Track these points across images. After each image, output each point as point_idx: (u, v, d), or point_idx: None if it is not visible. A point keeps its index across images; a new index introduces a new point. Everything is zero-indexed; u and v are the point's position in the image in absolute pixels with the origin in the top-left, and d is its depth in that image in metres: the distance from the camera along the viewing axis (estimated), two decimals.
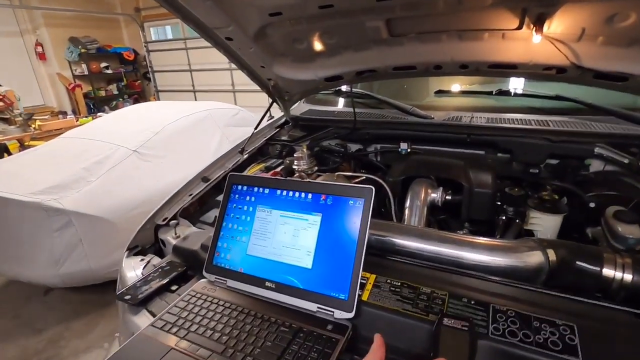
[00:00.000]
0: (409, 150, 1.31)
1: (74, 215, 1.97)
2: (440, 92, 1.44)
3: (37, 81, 6.80)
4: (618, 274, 0.70)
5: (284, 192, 0.77)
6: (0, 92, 4.53)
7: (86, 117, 5.34)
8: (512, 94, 1.30)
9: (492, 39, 1.00)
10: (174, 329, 0.66)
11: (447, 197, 1.05)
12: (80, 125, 4.67)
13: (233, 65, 6.09)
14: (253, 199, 0.81)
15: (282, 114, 1.72)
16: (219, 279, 0.78)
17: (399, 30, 1.07)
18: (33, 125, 4.49)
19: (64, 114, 6.38)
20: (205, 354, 0.60)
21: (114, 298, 2.38)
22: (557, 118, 1.21)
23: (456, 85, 1.45)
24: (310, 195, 0.74)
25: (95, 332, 2.17)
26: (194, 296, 0.75)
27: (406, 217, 1.02)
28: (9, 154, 4.29)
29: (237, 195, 0.83)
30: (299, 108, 1.78)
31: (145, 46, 7.52)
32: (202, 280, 0.80)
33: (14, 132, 4.30)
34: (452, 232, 0.92)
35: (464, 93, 1.41)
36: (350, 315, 0.63)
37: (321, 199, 0.73)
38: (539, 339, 0.55)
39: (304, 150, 1.31)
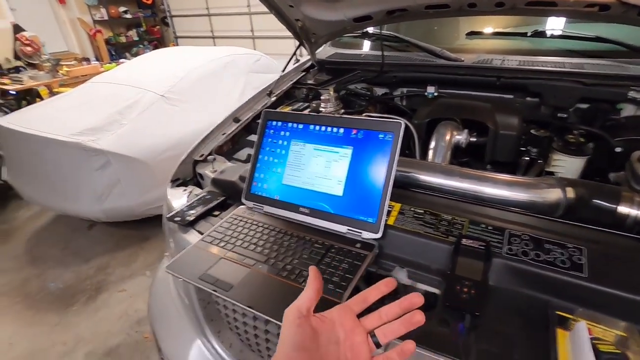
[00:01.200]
0: (435, 94, 1.31)
1: (111, 156, 2.11)
2: (471, 34, 1.39)
3: (59, 26, 6.78)
4: (633, 211, 0.73)
5: (317, 127, 0.82)
6: (27, 36, 4.58)
7: (109, 63, 5.37)
8: (549, 36, 1.25)
9: None
10: (222, 244, 0.76)
11: (471, 139, 1.07)
12: (105, 71, 4.75)
13: (252, 10, 5.98)
14: (287, 133, 0.86)
15: (308, 57, 1.71)
16: (256, 205, 0.87)
17: None
18: (61, 71, 4.59)
19: (87, 60, 6.42)
20: (250, 262, 0.70)
21: (152, 233, 2.60)
22: (594, 61, 1.16)
23: (489, 27, 1.40)
24: (341, 130, 0.79)
25: (137, 262, 2.41)
26: (236, 219, 0.84)
27: (430, 158, 1.06)
28: (41, 99, 4.45)
29: (272, 131, 0.89)
30: (325, 51, 1.76)
31: None
32: (241, 206, 0.89)
33: (43, 77, 4.41)
34: None
35: (497, 35, 1.36)
36: (378, 235, 0.70)
37: (352, 133, 0.77)
38: (548, 258, 0.61)
39: (331, 92, 1.33)
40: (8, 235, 2.85)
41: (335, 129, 0.79)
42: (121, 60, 5.72)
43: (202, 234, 0.86)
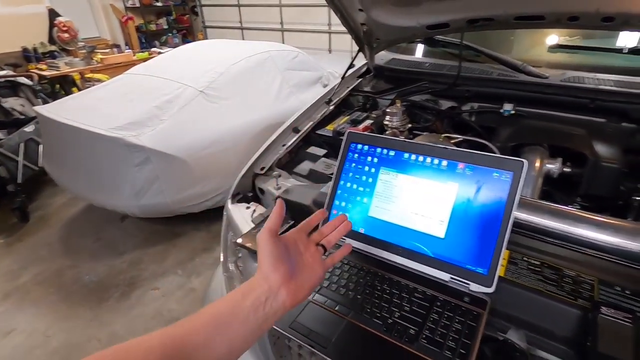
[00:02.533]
0: (512, 112, 1.20)
1: (152, 153, 2.07)
2: (556, 47, 1.27)
3: (92, 12, 6.84)
4: None
5: (413, 156, 0.73)
6: (64, 22, 4.62)
7: (141, 51, 5.38)
8: None
9: None
10: None
11: (564, 169, 0.97)
12: (138, 60, 4.75)
13: (283, 2, 5.86)
14: (375, 160, 0.78)
15: (364, 62, 1.62)
16: None
17: None
18: (95, 58, 4.61)
19: (118, 47, 6.47)
20: (344, 311, 0.63)
21: (182, 230, 2.58)
22: None
23: (576, 39, 1.27)
24: (444, 162, 0.70)
25: (169, 260, 2.39)
26: None
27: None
28: (77, 85, 4.49)
29: (355, 154, 0.81)
30: (380, 56, 1.66)
31: None
32: None
33: (79, 64, 4.45)
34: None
35: (587, 49, 1.23)
36: (490, 290, 0.61)
37: (458, 167, 0.68)
38: None
39: (398, 105, 1.24)
40: (43, 222, 2.89)
41: (436, 161, 0.71)
42: (153, 49, 5.73)
43: None
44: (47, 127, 2.46)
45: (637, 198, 0.89)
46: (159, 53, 4.47)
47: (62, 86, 4.52)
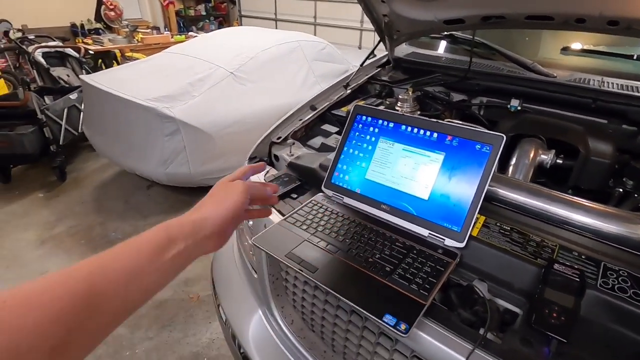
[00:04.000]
0: (519, 108, 1.26)
1: (181, 124, 2.24)
2: (567, 50, 1.32)
3: None
4: None
5: (409, 128, 0.83)
6: (111, 1, 4.90)
7: (179, 34, 5.63)
8: None
9: None
10: (304, 227, 0.80)
11: (558, 161, 1.03)
12: (175, 42, 4.99)
13: None
14: (376, 130, 0.88)
15: (385, 53, 1.71)
16: (336, 194, 0.90)
17: None
18: (136, 37, 4.88)
19: (157, 29, 6.78)
20: (332, 249, 0.73)
21: None
22: None
23: (587, 43, 1.31)
24: (435, 134, 0.79)
25: None
26: (316, 205, 0.88)
27: (510, 174, 1.03)
28: (117, 62, 4.78)
29: (360, 125, 0.91)
30: (401, 49, 1.74)
31: None
32: (320, 194, 0.92)
33: (121, 42, 4.73)
34: None
35: (596, 53, 1.28)
36: (461, 245, 0.71)
37: (447, 139, 0.78)
38: None
39: (410, 93, 1.33)
40: (77, 182, 3.13)
41: (428, 133, 0.80)
42: (190, 33, 5.97)
43: (280, 212, 0.91)
44: (89, 95, 2.67)
45: (619, 189, 0.95)
46: (195, 37, 4.68)
47: (103, 61, 4.81)
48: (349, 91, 1.48)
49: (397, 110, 1.32)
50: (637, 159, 1.03)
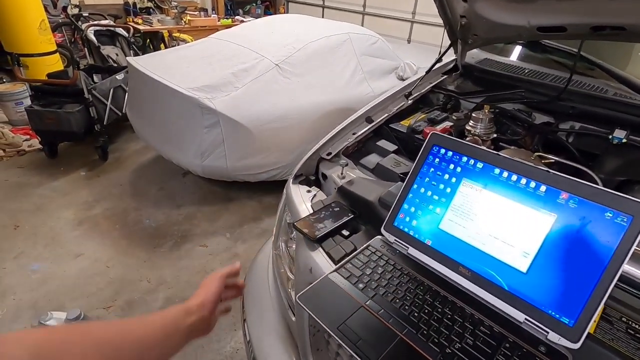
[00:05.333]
0: (624, 140, 1.02)
1: (222, 117, 2.14)
2: None
3: None
4: None
5: (505, 173, 0.65)
6: None
7: (225, 18, 5.57)
8: None
9: None
10: (360, 285, 0.65)
11: None
12: (222, 25, 4.93)
13: None
14: (459, 169, 0.70)
15: (452, 58, 1.49)
16: (399, 242, 0.74)
17: None
18: (184, 19, 4.87)
19: (205, 11, 6.76)
20: (397, 326, 0.58)
21: (236, 195, 2.68)
22: None
23: None
24: (543, 188, 0.61)
25: (220, 221, 2.50)
26: (374, 253, 0.72)
27: None
28: (165, 42, 4.80)
29: (436, 159, 0.74)
30: (472, 54, 1.52)
31: None
32: (379, 237, 0.77)
33: (169, 23, 4.73)
34: None
35: None
36: (575, 346, 0.53)
37: (561, 197, 0.59)
38: None
39: (487, 111, 1.12)
40: (118, 163, 3.17)
41: (533, 184, 0.61)
42: (236, 17, 5.90)
43: (330, 256, 0.76)
44: (134, 77, 2.64)
45: None
46: (242, 21, 4.59)
47: (151, 41, 4.85)
48: (410, 102, 1.30)
49: (468, 130, 1.12)
50: None
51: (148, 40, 4.83)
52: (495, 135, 1.12)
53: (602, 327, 0.56)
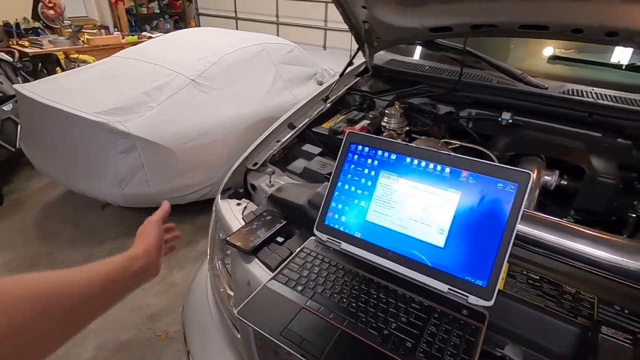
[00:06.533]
0: (510, 121, 1.19)
1: (138, 140, 2.00)
2: (556, 59, 1.27)
3: None
4: None
5: (415, 161, 0.71)
6: None
7: (131, 35, 5.20)
8: None
9: None
10: (299, 287, 0.66)
11: (562, 182, 0.96)
12: (127, 43, 4.59)
13: None
14: (376, 162, 0.75)
15: (362, 61, 1.59)
16: (331, 239, 0.76)
17: None
18: (82, 39, 4.43)
19: (106, 28, 6.25)
20: (338, 319, 0.60)
21: (167, 220, 2.52)
22: None
23: (577, 52, 1.27)
24: (448, 169, 0.68)
25: None
26: (309, 254, 0.74)
27: None
28: (61, 65, 4.31)
29: (355, 156, 0.78)
30: (379, 56, 1.63)
31: None
32: (312, 238, 0.78)
33: (64, 44, 4.26)
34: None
35: (586, 63, 1.24)
36: (489, 303, 0.60)
37: (462, 175, 0.66)
38: None
39: (397, 107, 1.22)
40: (18, 205, 2.76)
41: (439, 167, 0.68)
42: (143, 33, 5.56)
43: (266, 265, 0.76)
44: (26, 107, 2.34)
45: (632, 215, 0.89)
46: (150, 37, 4.33)
47: (44, 65, 4.32)
48: (328, 105, 1.35)
49: (384, 126, 1.21)
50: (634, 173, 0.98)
51: (40, 64, 4.30)
52: (407, 128, 1.22)
53: (509, 283, 0.64)
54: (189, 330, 1.04)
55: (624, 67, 1.16)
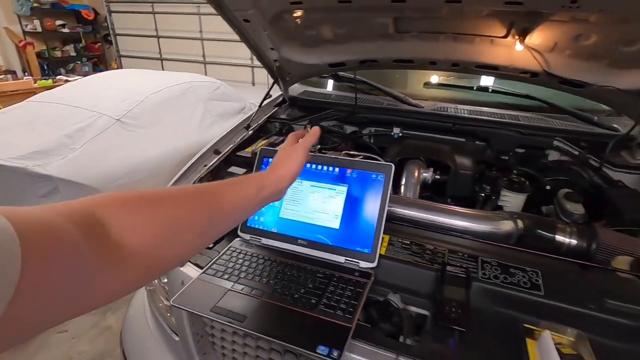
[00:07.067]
0: (400, 134, 1.47)
1: (60, 182, 1.96)
2: (428, 84, 1.61)
3: None
4: (567, 240, 0.91)
5: (314, 166, 0.91)
6: None
7: (44, 79, 4.95)
8: (490, 90, 1.50)
9: (482, 43, 1.17)
10: (226, 276, 0.79)
11: (436, 177, 1.23)
12: (40, 87, 4.37)
13: (205, 35, 6.01)
14: None
15: (280, 93, 1.81)
16: (253, 237, 0.91)
17: (404, 28, 1.21)
18: None
19: (13, 73, 5.85)
20: (258, 293, 0.74)
21: None
22: (526, 114, 1.43)
23: (442, 78, 1.63)
24: (337, 169, 0.88)
25: None
26: (234, 251, 0.87)
27: (402, 192, 1.19)
28: None
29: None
30: (295, 89, 1.87)
31: (106, 5, 6.99)
32: (237, 239, 0.92)
33: None
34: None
35: (448, 86, 1.59)
36: (374, 264, 0.79)
37: (347, 172, 0.87)
38: (514, 281, 0.75)
39: (308, 129, 1.43)
40: None
41: (331, 168, 0.89)
42: (59, 77, 5.31)
43: (199, 266, 0.88)
44: None
45: (482, 194, 1.19)
46: (66, 81, 4.19)
47: None
48: (250, 132, 1.52)
49: None
50: (490, 168, 1.30)
51: None
52: (319, 146, 1.44)
53: (389, 250, 0.84)
54: (129, 348, 1.07)
55: (475, 88, 1.52)
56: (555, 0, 0.88)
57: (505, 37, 1.12)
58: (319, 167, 0.90)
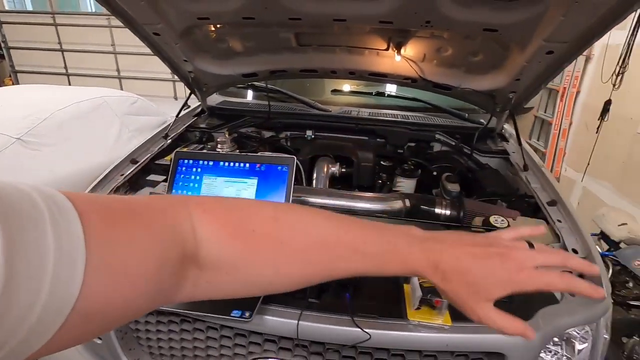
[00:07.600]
0: (313, 136, 1.64)
1: None
2: (335, 91, 1.81)
3: None
4: (443, 211, 1.14)
5: (227, 163, 1.00)
6: None
7: None
8: (386, 95, 1.75)
9: (370, 55, 1.39)
10: None
11: (342, 170, 1.41)
12: None
13: (118, 49, 5.75)
14: (199, 169, 1.01)
15: (198, 103, 1.87)
16: None
17: (304, 42, 1.37)
18: None
19: None
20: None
21: None
22: (414, 114, 1.70)
23: (347, 86, 1.85)
24: (247, 165, 0.99)
25: None
26: None
27: (314, 185, 1.34)
28: None
29: (184, 168, 1.02)
30: (213, 99, 1.94)
31: None
32: None
33: None
34: None
35: (352, 93, 1.81)
36: None
37: (256, 167, 0.99)
38: None
39: (226, 135, 1.52)
40: None
41: (242, 164, 0.99)
42: None
43: None
44: None
45: (379, 181, 1.39)
46: None
47: None
48: (169, 141, 1.56)
49: (218, 151, 1.49)
50: (385, 160, 1.52)
51: None
52: (238, 151, 1.53)
53: None
54: None
55: (374, 94, 1.76)
56: (415, 20, 1.11)
57: (387, 49, 1.34)
58: (232, 164, 1.00)
